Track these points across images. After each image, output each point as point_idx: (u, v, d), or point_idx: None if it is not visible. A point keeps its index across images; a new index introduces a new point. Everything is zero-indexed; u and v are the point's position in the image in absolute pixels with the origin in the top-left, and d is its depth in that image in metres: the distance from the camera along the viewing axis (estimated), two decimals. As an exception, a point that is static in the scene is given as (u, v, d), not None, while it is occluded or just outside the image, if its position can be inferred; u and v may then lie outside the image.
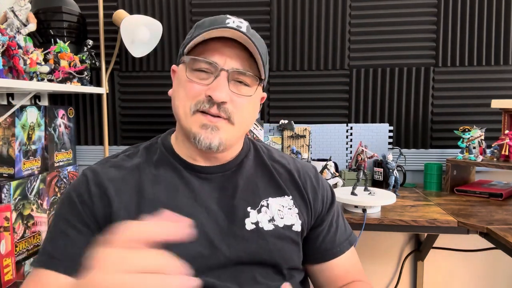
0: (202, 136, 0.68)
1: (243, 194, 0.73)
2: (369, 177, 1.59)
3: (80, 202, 0.69)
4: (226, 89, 0.68)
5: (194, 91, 0.68)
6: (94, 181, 0.70)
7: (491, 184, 1.54)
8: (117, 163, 0.74)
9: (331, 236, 0.80)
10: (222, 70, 0.68)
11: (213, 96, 0.66)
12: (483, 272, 1.74)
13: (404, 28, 1.68)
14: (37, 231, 1.42)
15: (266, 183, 0.76)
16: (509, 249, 1.01)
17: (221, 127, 0.69)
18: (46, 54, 1.43)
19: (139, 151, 0.77)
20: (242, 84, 0.70)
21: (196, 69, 0.69)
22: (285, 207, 0.74)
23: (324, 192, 0.81)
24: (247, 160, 0.78)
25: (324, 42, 1.72)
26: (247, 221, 0.70)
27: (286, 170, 0.79)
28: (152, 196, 0.69)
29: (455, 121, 1.66)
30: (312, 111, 1.75)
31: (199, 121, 0.68)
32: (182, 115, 0.70)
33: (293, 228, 0.73)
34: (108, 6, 1.76)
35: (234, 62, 0.69)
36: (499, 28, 1.63)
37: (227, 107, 0.68)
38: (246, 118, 0.73)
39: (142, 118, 1.82)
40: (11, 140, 1.36)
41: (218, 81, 0.67)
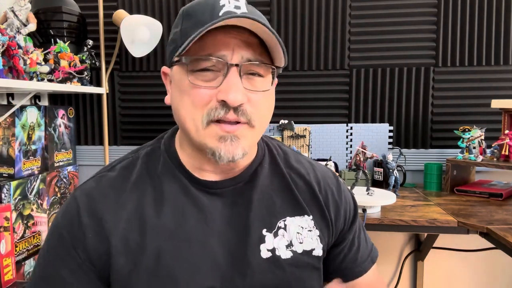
0: (223, 150, 0.57)
1: (258, 213, 0.63)
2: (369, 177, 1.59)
3: (70, 237, 0.59)
4: (241, 88, 0.56)
5: (203, 98, 0.56)
6: (87, 210, 0.60)
7: (491, 184, 1.54)
8: (115, 182, 0.63)
9: (352, 255, 0.72)
10: (232, 66, 0.56)
11: (228, 100, 0.55)
12: (483, 272, 1.74)
13: (404, 28, 1.68)
14: (37, 231, 1.42)
15: (283, 199, 0.66)
16: (509, 249, 1.01)
17: (242, 135, 0.58)
18: (46, 54, 1.43)
19: (138, 159, 0.66)
20: (256, 76, 0.58)
21: (199, 70, 0.57)
22: (305, 229, 0.65)
23: (347, 206, 0.72)
24: (262, 169, 0.67)
25: (324, 42, 1.72)
26: (262, 248, 0.62)
27: (305, 183, 0.69)
28: (156, 223, 0.60)
29: (455, 121, 1.66)
30: (312, 111, 1.75)
31: (215, 134, 0.57)
32: (192, 129, 0.58)
33: (314, 253, 0.65)
34: (108, 6, 1.76)
35: (243, 52, 0.57)
36: (499, 28, 1.63)
37: (245, 109, 0.57)
38: (266, 116, 0.62)
39: (142, 118, 1.82)
40: (11, 140, 1.36)
41: (229, 80, 0.55)
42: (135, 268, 0.58)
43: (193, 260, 0.59)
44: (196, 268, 0.59)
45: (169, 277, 0.58)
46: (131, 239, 0.59)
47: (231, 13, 0.55)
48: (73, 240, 0.59)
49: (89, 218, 0.60)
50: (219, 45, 0.56)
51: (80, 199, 0.62)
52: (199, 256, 0.60)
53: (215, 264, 0.60)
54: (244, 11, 0.56)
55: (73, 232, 0.60)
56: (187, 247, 0.59)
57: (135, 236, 0.59)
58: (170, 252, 0.59)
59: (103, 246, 0.59)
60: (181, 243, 0.60)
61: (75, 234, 0.59)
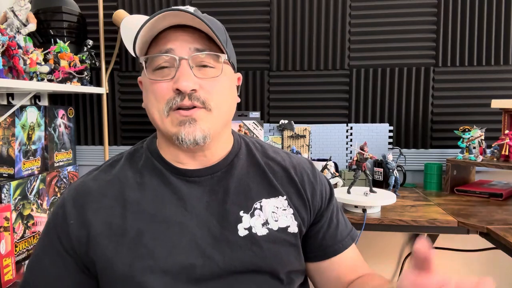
0: (183, 133, 0.63)
1: (235, 198, 0.69)
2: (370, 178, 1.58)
3: (55, 226, 0.66)
4: (192, 76, 0.63)
5: (161, 90, 0.64)
6: (70, 200, 0.67)
7: (491, 184, 1.54)
8: (98, 175, 0.70)
9: (331, 232, 0.76)
10: (182, 59, 0.63)
11: (180, 87, 0.62)
12: (483, 272, 1.74)
13: (404, 28, 1.68)
14: (37, 231, 1.42)
15: (258, 184, 0.72)
16: (509, 249, 1.01)
17: (199, 117, 0.64)
18: (46, 54, 1.43)
19: (122, 159, 0.73)
20: (207, 68, 0.65)
21: (156, 68, 0.65)
22: (280, 208, 0.70)
23: (323, 187, 0.78)
24: (238, 160, 0.73)
25: (324, 42, 1.72)
26: (239, 227, 0.66)
27: (281, 168, 0.75)
28: (137, 208, 0.65)
29: (455, 121, 1.66)
30: (312, 111, 1.75)
31: (175, 120, 0.64)
32: (158, 119, 0.66)
33: (289, 230, 0.70)
34: (108, 6, 1.76)
35: (190, 44, 0.64)
36: (499, 28, 1.63)
37: (199, 95, 0.64)
38: (223, 101, 0.67)
39: (142, 118, 1.82)
40: (11, 140, 1.36)
41: (181, 70, 0.63)
42: (117, 248, 0.63)
43: (172, 239, 0.64)
44: (175, 247, 0.63)
45: (149, 255, 0.62)
46: (114, 223, 0.64)
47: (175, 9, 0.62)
48: (57, 229, 0.65)
49: (73, 207, 0.66)
50: (168, 42, 0.65)
51: (66, 195, 0.68)
52: (178, 236, 0.64)
53: (194, 243, 0.64)
54: (190, 10, 0.63)
55: (57, 221, 0.66)
56: (165, 228, 0.64)
57: (117, 220, 0.64)
58: (150, 233, 0.64)
59: (84, 231, 0.64)
60: (161, 225, 0.64)
61: (59, 223, 0.66)
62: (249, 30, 1.74)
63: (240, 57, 1.75)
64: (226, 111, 0.69)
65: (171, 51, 0.64)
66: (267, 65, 1.75)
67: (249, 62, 1.75)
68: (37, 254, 0.67)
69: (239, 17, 1.73)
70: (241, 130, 1.68)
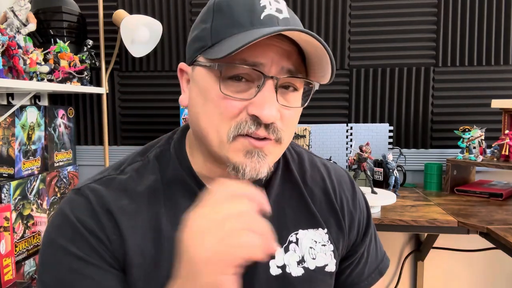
0: (248, 167, 0.51)
1: None
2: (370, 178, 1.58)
3: (89, 232, 0.52)
4: (276, 104, 0.50)
5: (232, 110, 0.50)
6: (101, 209, 0.53)
7: (491, 184, 1.54)
8: (126, 186, 0.57)
9: (360, 269, 0.67)
10: (268, 79, 0.50)
11: (262, 116, 0.49)
12: (483, 272, 1.74)
13: (404, 28, 1.68)
14: (37, 231, 1.42)
15: (294, 209, 0.61)
16: (509, 249, 1.01)
17: (269, 151, 0.53)
18: (46, 54, 1.43)
19: (149, 163, 0.60)
20: (290, 90, 0.54)
21: (230, 77, 0.51)
22: (318, 243, 0.60)
23: (361, 215, 0.67)
24: (275, 176, 0.61)
25: (324, 42, 1.72)
26: (271, 264, 0.57)
27: (321, 190, 0.64)
28: (171, 236, 0.53)
29: (455, 121, 1.66)
30: (312, 111, 1.74)
31: (242, 148, 0.51)
32: (215, 141, 0.52)
33: (326, 269, 0.61)
34: (108, 6, 1.76)
35: (283, 62, 0.51)
36: (499, 28, 1.63)
37: (277, 126, 0.52)
38: (293, 132, 0.57)
39: (142, 118, 1.82)
40: (11, 140, 1.36)
41: (264, 94, 0.50)
42: (147, 284, 0.53)
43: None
44: None
45: None
46: (146, 250, 0.53)
47: (272, 18, 0.50)
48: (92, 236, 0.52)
49: (106, 217, 0.53)
50: (257, 52, 0.49)
51: (90, 195, 0.54)
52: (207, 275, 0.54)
53: None
54: (286, 16, 0.52)
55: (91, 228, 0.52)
56: None
57: (149, 248, 0.53)
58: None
59: (123, 249, 0.52)
60: None
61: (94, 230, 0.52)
62: (249, 30, 1.74)
63: (240, 57, 1.75)
64: (290, 141, 0.59)
65: (259, 65, 0.50)
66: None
67: (249, 62, 1.75)
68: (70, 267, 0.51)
69: (239, 17, 1.73)
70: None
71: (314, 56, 0.52)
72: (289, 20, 0.52)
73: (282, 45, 0.50)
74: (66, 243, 0.52)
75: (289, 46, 0.51)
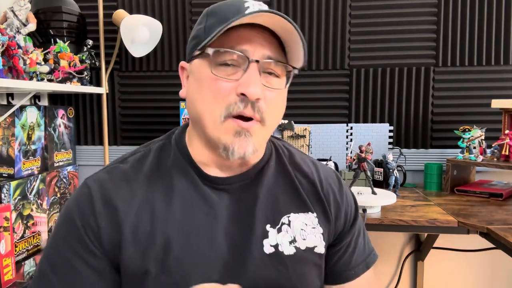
0: (236, 145, 0.59)
1: (263, 209, 0.64)
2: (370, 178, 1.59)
3: (83, 224, 0.59)
4: (260, 83, 0.58)
5: (224, 90, 0.58)
6: (100, 198, 0.61)
7: (491, 184, 1.54)
8: (127, 174, 0.64)
9: (347, 257, 0.72)
10: (252, 62, 0.58)
11: (248, 93, 0.57)
12: (483, 272, 1.74)
13: (404, 28, 1.68)
14: (37, 231, 1.42)
15: (287, 195, 0.67)
16: (509, 249, 1.01)
17: (254, 132, 0.60)
18: (46, 54, 1.43)
19: (150, 152, 0.68)
20: (273, 76, 0.61)
21: (219, 64, 0.59)
22: (309, 226, 0.66)
23: (348, 207, 0.73)
24: (268, 168, 0.68)
25: (324, 42, 1.72)
26: (265, 243, 0.63)
27: (309, 181, 0.70)
28: (166, 214, 0.61)
29: (455, 121, 1.66)
30: (312, 111, 1.74)
31: (231, 129, 0.59)
32: (209, 122, 0.60)
33: (316, 250, 0.66)
34: (108, 6, 1.76)
35: (264, 50, 0.59)
36: (499, 28, 1.63)
37: (261, 105, 0.59)
38: (277, 116, 0.64)
39: (142, 118, 1.82)
40: (11, 140, 1.36)
41: (249, 74, 0.58)
42: (144, 258, 0.59)
43: (201, 253, 0.60)
44: (203, 262, 0.60)
45: (177, 269, 0.59)
46: (141, 228, 0.60)
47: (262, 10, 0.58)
48: (86, 228, 0.59)
49: (103, 207, 0.60)
50: (243, 40, 0.59)
51: (93, 187, 0.62)
52: (207, 249, 0.61)
53: (221, 257, 0.61)
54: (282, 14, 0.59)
55: (87, 220, 0.60)
56: (196, 241, 0.61)
57: (144, 226, 0.60)
58: (179, 244, 0.60)
59: (116, 236, 0.59)
60: (190, 236, 0.61)
61: (89, 222, 0.60)
62: (249, 30, 1.74)
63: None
64: (275, 125, 0.66)
65: (245, 52, 0.58)
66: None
67: (249, 62, 1.75)
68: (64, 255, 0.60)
69: (239, 17, 1.73)
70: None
71: (291, 43, 0.60)
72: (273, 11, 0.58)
73: (264, 36, 0.60)
74: (62, 236, 0.61)
75: (270, 38, 0.61)
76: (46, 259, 0.62)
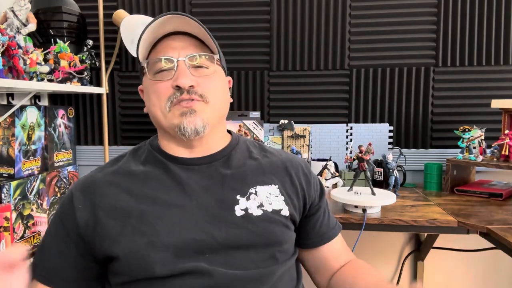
0: (185, 122, 0.71)
1: (232, 183, 0.75)
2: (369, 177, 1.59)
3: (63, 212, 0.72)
4: (189, 75, 0.72)
5: (162, 88, 0.73)
6: (79, 189, 0.73)
7: (491, 184, 1.54)
8: (103, 168, 0.78)
9: (326, 220, 0.86)
10: (179, 61, 0.73)
11: (179, 83, 0.70)
12: (483, 272, 1.74)
13: (404, 28, 1.68)
14: (37, 231, 1.42)
15: (254, 174, 0.78)
16: (509, 249, 1.01)
17: (198, 108, 0.72)
18: (46, 54, 1.43)
19: (126, 154, 0.81)
20: (202, 68, 0.75)
21: (156, 72, 0.74)
22: (272, 195, 0.76)
23: (316, 181, 0.86)
24: (235, 153, 0.80)
25: (324, 42, 1.72)
26: (236, 208, 0.72)
27: (277, 159, 0.82)
28: (140, 194, 0.71)
29: (455, 121, 1.66)
30: (312, 111, 1.75)
31: (176, 112, 0.72)
32: (161, 116, 0.74)
33: (282, 212, 0.75)
34: (108, 6, 1.76)
35: (186, 51, 0.74)
36: (499, 28, 1.63)
37: (197, 90, 0.72)
38: (219, 95, 0.76)
39: (142, 118, 1.82)
40: (11, 140, 1.36)
41: (179, 70, 0.72)
42: (123, 228, 0.68)
43: (173, 218, 0.69)
44: (176, 225, 0.69)
45: (152, 232, 0.68)
46: (118, 206, 0.70)
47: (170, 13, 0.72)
48: (64, 216, 0.72)
49: (80, 194, 0.72)
50: (167, 48, 0.74)
51: (75, 184, 0.75)
52: (179, 216, 0.70)
53: (194, 221, 0.70)
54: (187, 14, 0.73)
55: (64, 208, 0.72)
56: (167, 209, 0.70)
57: (122, 204, 0.70)
58: (152, 214, 0.69)
59: (92, 214, 0.70)
60: (162, 207, 0.70)
61: (66, 210, 0.72)
62: (249, 30, 1.74)
63: (240, 57, 1.75)
64: (221, 105, 0.78)
65: (170, 56, 0.73)
66: (267, 65, 1.75)
67: (249, 62, 1.75)
68: (45, 239, 0.73)
69: (239, 17, 1.73)
70: (241, 130, 1.68)
71: (203, 36, 0.75)
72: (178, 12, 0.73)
73: (185, 41, 0.75)
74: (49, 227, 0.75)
75: (191, 39, 0.76)
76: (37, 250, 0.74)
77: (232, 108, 1.77)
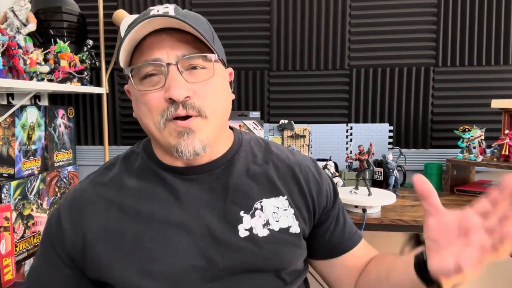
0: (182, 145, 0.61)
1: (235, 196, 0.67)
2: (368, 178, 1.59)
3: (51, 233, 0.66)
4: (183, 83, 0.60)
5: (153, 101, 0.61)
6: (66, 207, 0.66)
7: (491, 184, 1.54)
8: (94, 179, 0.70)
9: (339, 230, 0.76)
10: (170, 65, 0.60)
11: (172, 96, 0.59)
12: (483, 272, 1.74)
13: (404, 28, 1.68)
14: (37, 231, 1.42)
15: (259, 182, 0.70)
16: (509, 249, 1.01)
17: (196, 127, 0.62)
18: (46, 54, 1.43)
19: (117, 162, 0.72)
20: (198, 69, 0.63)
21: (143, 77, 0.62)
22: (280, 209, 0.68)
23: (327, 185, 0.76)
24: (238, 157, 0.71)
25: (324, 42, 1.72)
26: (240, 228, 0.65)
27: (285, 165, 0.73)
28: (134, 211, 0.64)
29: (455, 121, 1.66)
30: (312, 111, 1.74)
31: (173, 130, 0.62)
32: (155, 131, 0.63)
33: (290, 230, 0.68)
34: (108, 6, 1.76)
35: (177, 50, 0.61)
36: (499, 28, 1.63)
37: (193, 102, 0.61)
38: (218, 104, 0.65)
39: (142, 118, 1.82)
40: (11, 140, 1.36)
41: (171, 77, 0.60)
42: (115, 252, 0.62)
43: (171, 241, 0.62)
44: (174, 249, 0.62)
45: (148, 258, 0.61)
46: (110, 226, 0.63)
47: (153, 15, 0.59)
48: (52, 236, 0.65)
49: (68, 211, 0.65)
50: (154, 50, 0.61)
51: (63, 199, 0.68)
52: (177, 237, 0.63)
53: (194, 244, 0.63)
54: (172, 14, 0.60)
55: (52, 228, 0.66)
56: (164, 230, 0.63)
57: (113, 223, 0.63)
58: (148, 235, 0.62)
59: (80, 235, 0.63)
60: (159, 227, 0.63)
61: (53, 230, 0.66)
62: (249, 30, 1.74)
63: (240, 57, 1.75)
64: (222, 113, 0.67)
65: (158, 60, 0.61)
66: (267, 65, 1.75)
67: (249, 62, 1.75)
68: (36, 261, 0.68)
69: (239, 17, 1.73)
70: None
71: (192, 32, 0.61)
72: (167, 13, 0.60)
73: (174, 37, 0.62)
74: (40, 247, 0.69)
75: (182, 36, 0.62)
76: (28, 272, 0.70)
77: (232, 108, 1.76)
